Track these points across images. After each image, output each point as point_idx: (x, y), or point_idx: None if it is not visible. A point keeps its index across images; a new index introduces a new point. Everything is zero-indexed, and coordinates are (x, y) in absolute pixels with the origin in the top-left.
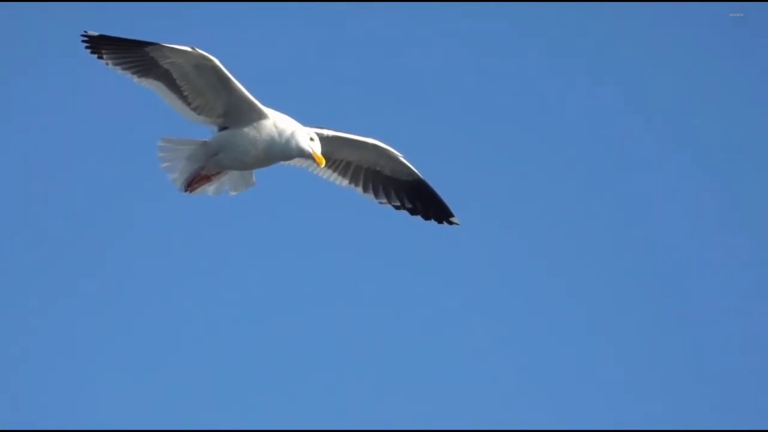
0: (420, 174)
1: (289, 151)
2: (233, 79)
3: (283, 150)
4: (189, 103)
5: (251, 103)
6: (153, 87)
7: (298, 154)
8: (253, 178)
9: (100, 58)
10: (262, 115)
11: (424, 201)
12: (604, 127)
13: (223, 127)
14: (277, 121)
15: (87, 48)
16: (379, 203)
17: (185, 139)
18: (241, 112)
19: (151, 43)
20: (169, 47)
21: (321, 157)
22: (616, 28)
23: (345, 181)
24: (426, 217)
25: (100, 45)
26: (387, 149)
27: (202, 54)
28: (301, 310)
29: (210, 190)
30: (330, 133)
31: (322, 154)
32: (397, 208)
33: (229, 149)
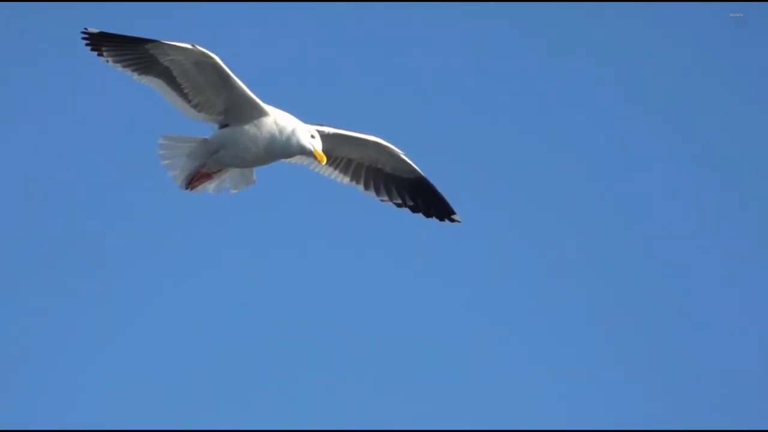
0: (421, 171)
1: (290, 148)
2: (234, 76)
3: (284, 147)
4: (189, 101)
5: (252, 101)
6: (153, 84)
7: (299, 151)
8: (254, 176)
9: (100, 56)
10: (262, 113)
11: (425, 198)
12: (605, 126)
13: (223, 125)
14: (277, 119)
15: (87, 45)
16: (381, 201)
17: (185, 136)
18: (241, 110)
19: (152, 41)
20: (170, 44)
21: (322, 155)
22: (617, 27)
23: (346, 179)
24: (427, 214)
25: (100, 42)
26: (388, 147)
27: (202, 51)
28: (302, 308)
29: (210, 188)
30: (331, 130)
31: (323, 152)
32: (398, 205)
33: (230, 147)
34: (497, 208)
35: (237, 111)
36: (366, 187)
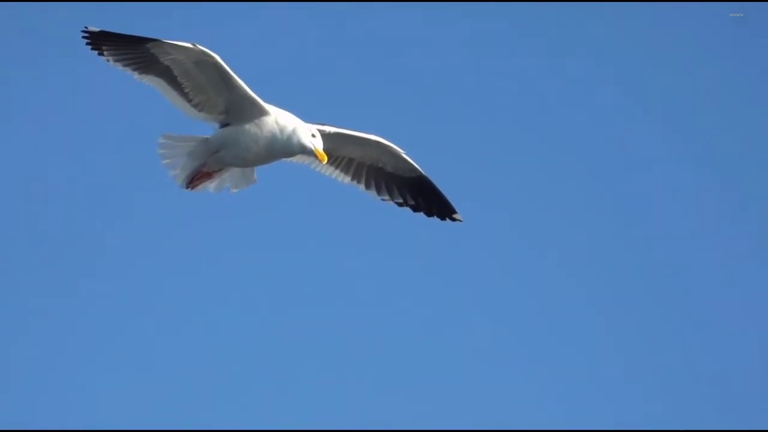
0: (422, 170)
1: (291, 147)
2: (234, 75)
3: (284, 147)
4: (190, 100)
5: (252, 100)
6: (154, 84)
7: (299, 150)
8: (255, 176)
9: (101, 55)
10: (263, 112)
11: (426, 198)
12: (605, 125)
13: (224, 124)
14: (278, 118)
15: (88, 44)
16: (382, 200)
17: (186, 135)
18: (242, 109)
19: (152, 40)
20: (170, 43)
21: (323, 154)
22: (617, 27)
23: (347, 178)
24: (428, 213)
25: (100, 41)
26: (389, 146)
27: (203, 50)
28: (302, 308)
29: (211, 187)
30: (332, 129)
31: (324, 151)
32: (399, 205)
33: (231, 146)
34: (498, 208)
35: (238, 110)
36: (367, 186)
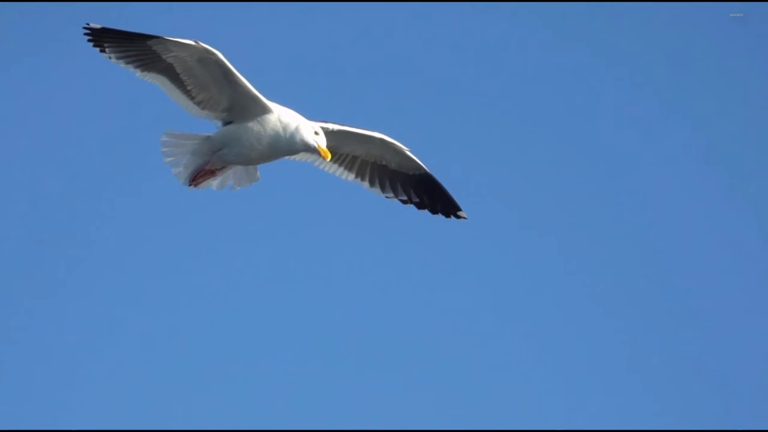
0: (427, 168)
1: (294, 145)
2: (237, 73)
3: (288, 145)
4: (193, 98)
5: (255, 98)
6: (156, 81)
7: (303, 148)
8: (258, 173)
9: (103, 52)
10: (266, 110)
11: (431, 195)
12: (611, 123)
13: (227, 122)
14: (281, 116)
15: (89, 41)
16: (386, 198)
17: (188, 133)
18: (245, 107)
19: (154, 37)
20: (173, 41)
21: (326, 151)
22: (621, 25)
23: (351, 176)
24: (433, 211)
25: (102, 38)
26: (393, 143)
27: (205, 48)
28: (304, 307)
29: (214, 185)
30: (336, 127)
31: (328, 149)
32: (404, 202)
33: (234, 144)
34: (503, 205)
35: (240, 108)
36: (371, 184)
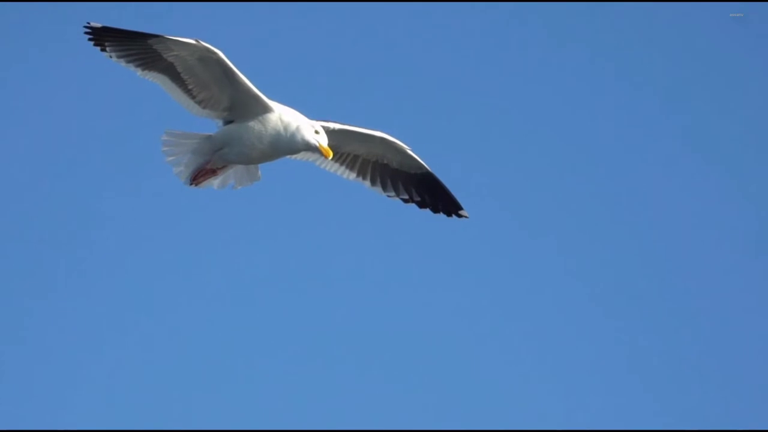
0: (428, 167)
1: (295, 145)
2: (238, 72)
3: (289, 144)
4: (194, 97)
5: (256, 97)
6: (157, 80)
7: (304, 147)
8: (259, 173)
9: (103, 51)
10: (267, 109)
11: (432, 194)
12: (613, 122)
13: (228, 121)
14: (282, 115)
15: (90, 40)
16: (388, 196)
17: (189, 133)
18: (245, 106)
19: (155, 36)
20: (173, 40)
21: (328, 149)
22: (620, 27)
23: (352, 175)
24: (435, 210)
25: (103, 37)
26: (395, 142)
27: (206, 47)
28: (305, 306)
29: (215, 184)
30: (337, 126)
31: (329, 147)
32: (405, 201)
33: (235, 144)
34: (503, 205)
35: (241, 107)
36: (373, 183)
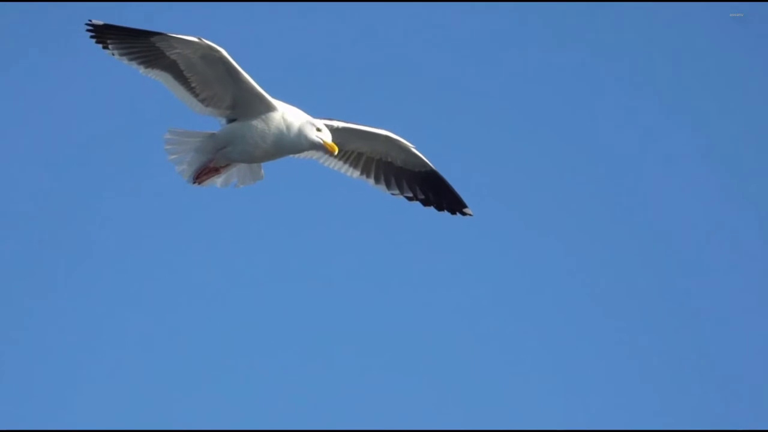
0: (432, 165)
1: (300, 145)
2: (241, 70)
3: (293, 143)
4: (197, 95)
5: (259, 95)
6: (160, 78)
7: (309, 146)
8: (262, 172)
9: (105, 48)
10: (270, 108)
11: (436, 192)
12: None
13: (231, 119)
14: (285, 114)
15: (92, 37)
16: (392, 194)
17: (192, 131)
18: (249, 105)
19: (157, 33)
20: (176, 37)
21: (333, 145)
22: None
23: (356, 173)
24: (439, 208)
25: (105, 34)
26: (399, 140)
27: (209, 45)
28: (305, 306)
29: (218, 182)
30: (340, 124)
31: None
32: (409, 199)
33: (238, 142)
34: (504, 204)
35: (245, 106)
36: (377, 180)
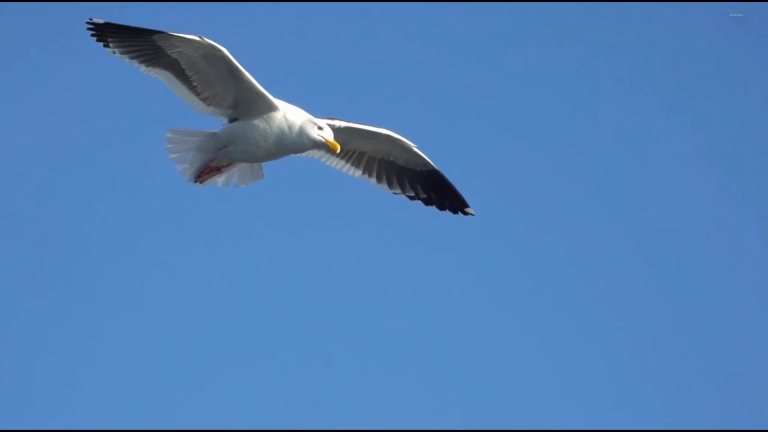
0: (434, 164)
1: (302, 145)
2: (243, 69)
3: (295, 143)
4: (198, 94)
5: (261, 95)
6: (161, 76)
7: (311, 146)
8: (263, 172)
9: (107, 47)
10: (272, 107)
11: (438, 191)
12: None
13: (232, 119)
14: (287, 113)
15: (93, 36)
16: (393, 194)
17: (193, 130)
18: (250, 104)
19: (159, 32)
20: (177, 36)
21: (335, 143)
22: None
23: (358, 172)
24: (441, 207)
25: (106, 33)
26: (401, 140)
27: (210, 44)
28: (306, 306)
29: (219, 182)
30: (342, 123)
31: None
32: (411, 198)
33: (239, 142)
34: (504, 204)
35: (246, 105)
36: (378, 180)
